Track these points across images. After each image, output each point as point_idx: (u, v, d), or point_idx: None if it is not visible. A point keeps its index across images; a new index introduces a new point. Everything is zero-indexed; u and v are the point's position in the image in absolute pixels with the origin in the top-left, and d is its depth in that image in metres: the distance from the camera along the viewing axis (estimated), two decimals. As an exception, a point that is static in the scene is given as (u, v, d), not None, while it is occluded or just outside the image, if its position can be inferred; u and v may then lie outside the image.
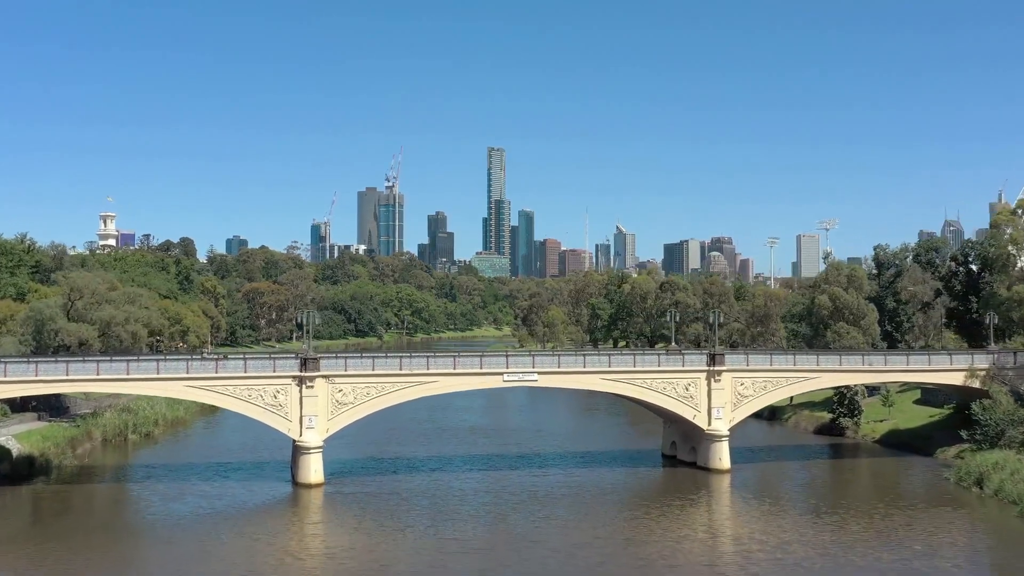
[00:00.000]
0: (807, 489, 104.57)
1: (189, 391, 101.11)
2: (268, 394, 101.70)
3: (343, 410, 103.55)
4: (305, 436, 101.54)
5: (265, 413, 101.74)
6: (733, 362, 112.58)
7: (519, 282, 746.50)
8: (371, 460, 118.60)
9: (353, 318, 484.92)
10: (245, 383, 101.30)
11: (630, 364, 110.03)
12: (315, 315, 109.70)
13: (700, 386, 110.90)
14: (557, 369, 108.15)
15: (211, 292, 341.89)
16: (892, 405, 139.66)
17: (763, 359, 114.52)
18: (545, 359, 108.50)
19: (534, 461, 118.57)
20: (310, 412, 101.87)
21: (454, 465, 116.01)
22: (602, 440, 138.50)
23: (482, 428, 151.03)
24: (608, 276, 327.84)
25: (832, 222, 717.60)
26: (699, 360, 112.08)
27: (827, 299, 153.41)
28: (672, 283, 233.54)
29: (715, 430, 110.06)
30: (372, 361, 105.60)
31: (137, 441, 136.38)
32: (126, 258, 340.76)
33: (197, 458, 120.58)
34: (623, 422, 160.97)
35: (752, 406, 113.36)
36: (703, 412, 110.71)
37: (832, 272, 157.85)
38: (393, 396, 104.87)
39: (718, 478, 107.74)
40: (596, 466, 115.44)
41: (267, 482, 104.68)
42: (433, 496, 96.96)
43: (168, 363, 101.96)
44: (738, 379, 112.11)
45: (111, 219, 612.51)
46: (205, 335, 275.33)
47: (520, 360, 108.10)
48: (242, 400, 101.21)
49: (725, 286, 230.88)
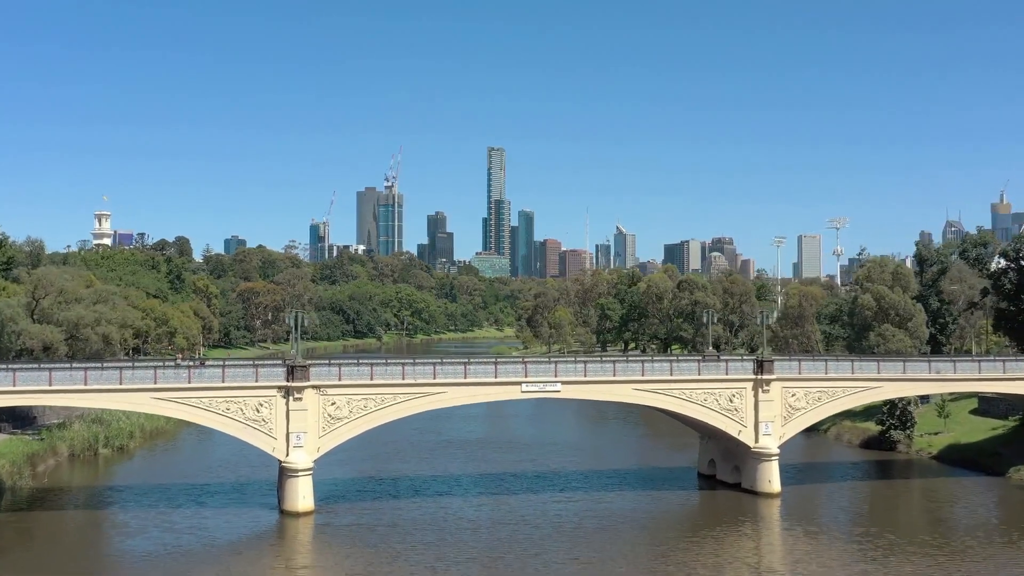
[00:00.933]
0: (870, 517, 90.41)
1: (157, 404, 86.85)
2: (249, 407, 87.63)
3: (336, 426, 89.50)
4: (292, 456, 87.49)
5: (246, 430, 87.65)
6: (783, 369, 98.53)
7: (520, 282, 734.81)
8: (368, 480, 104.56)
9: (351, 319, 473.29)
10: (223, 395, 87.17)
11: (666, 372, 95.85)
12: (304, 316, 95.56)
13: (746, 397, 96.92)
14: (583, 378, 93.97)
15: (203, 292, 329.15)
16: (948, 416, 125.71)
17: (816, 366, 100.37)
18: (569, 367, 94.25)
19: (553, 482, 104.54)
20: (298, 428, 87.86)
21: (462, 487, 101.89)
22: (627, 456, 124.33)
23: (491, 441, 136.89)
24: (618, 275, 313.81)
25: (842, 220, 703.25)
26: (744, 368, 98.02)
27: (871, 298, 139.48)
28: (691, 282, 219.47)
29: (763, 448, 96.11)
30: (370, 368, 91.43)
31: (109, 456, 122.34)
32: (114, 256, 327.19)
33: (174, 477, 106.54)
34: (644, 433, 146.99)
35: (804, 420, 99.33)
36: (749, 427, 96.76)
37: (875, 268, 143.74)
38: (394, 410, 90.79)
39: (767, 503, 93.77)
40: (624, 488, 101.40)
41: (249, 509, 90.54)
42: (440, 528, 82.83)
43: (135, 371, 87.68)
44: (789, 389, 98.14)
45: (106, 218, 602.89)
46: (195, 337, 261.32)
47: (541, 368, 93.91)
48: (219, 415, 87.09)
49: (747, 285, 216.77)
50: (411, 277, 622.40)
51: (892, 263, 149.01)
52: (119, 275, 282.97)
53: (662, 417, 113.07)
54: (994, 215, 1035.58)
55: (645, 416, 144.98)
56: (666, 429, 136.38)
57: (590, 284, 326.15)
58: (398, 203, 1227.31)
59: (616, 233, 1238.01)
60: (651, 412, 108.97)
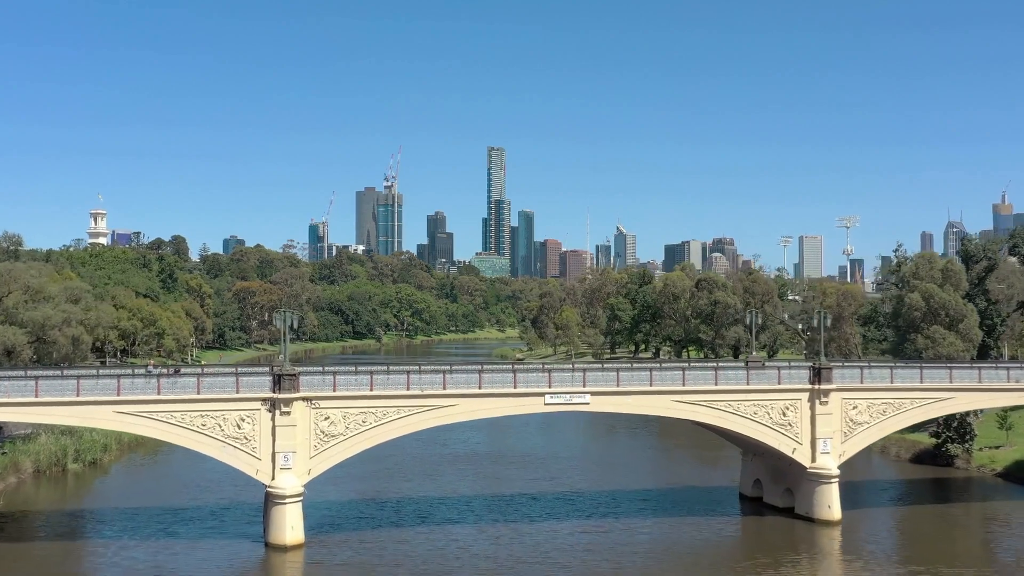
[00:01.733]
0: (946, 549, 77.69)
1: (121, 420, 74.27)
2: (229, 423, 75.14)
3: (331, 444, 76.98)
4: (279, 480, 75.01)
5: (225, 449, 75.14)
6: (842, 378, 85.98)
7: (522, 282, 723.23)
8: (366, 504, 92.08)
9: (350, 319, 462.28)
10: (198, 408, 74.64)
11: (710, 381, 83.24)
12: (293, 317, 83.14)
13: (801, 410, 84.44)
14: (615, 388, 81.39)
15: (196, 291, 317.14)
16: (1011, 428, 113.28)
17: (881, 374, 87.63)
18: (598, 375, 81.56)
19: (577, 506, 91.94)
20: (286, 447, 75.39)
21: (474, 512, 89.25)
22: (655, 473, 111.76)
23: (502, 454, 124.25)
24: (628, 274, 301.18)
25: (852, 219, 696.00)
26: (799, 376, 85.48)
27: (919, 297, 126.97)
28: (710, 280, 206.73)
29: (821, 468, 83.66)
30: (370, 378, 78.80)
31: (80, 473, 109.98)
32: (102, 254, 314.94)
33: (149, 499, 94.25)
34: (670, 444, 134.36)
35: (867, 436, 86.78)
36: (805, 444, 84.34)
37: (923, 265, 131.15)
38: (398, 425, 78.27)
39: (826, 532, 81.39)
40: (658, 513, 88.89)
41: (229, 542, 77.92)
42: (451, 567, 70.35)
43: (98, 381, 75.06)
44: (849, 401, 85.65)
45: (102, 217, 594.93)
46: (186, 338, 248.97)
47: (566, 377, 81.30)
48: (193, 431, 74.57)
49: (769, 284, 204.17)
50: (411, 277, 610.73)
51: (940, 259, 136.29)
52: (107, 274, 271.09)
53: (685, 425, 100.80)
54: (996, 216, 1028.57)
55: (665, 424, 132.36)
56: (695, 440, 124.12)
57: (598, 284, 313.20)
58: (397, 203, 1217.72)
59: (616, 233, 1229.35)
60: (674, 420, 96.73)
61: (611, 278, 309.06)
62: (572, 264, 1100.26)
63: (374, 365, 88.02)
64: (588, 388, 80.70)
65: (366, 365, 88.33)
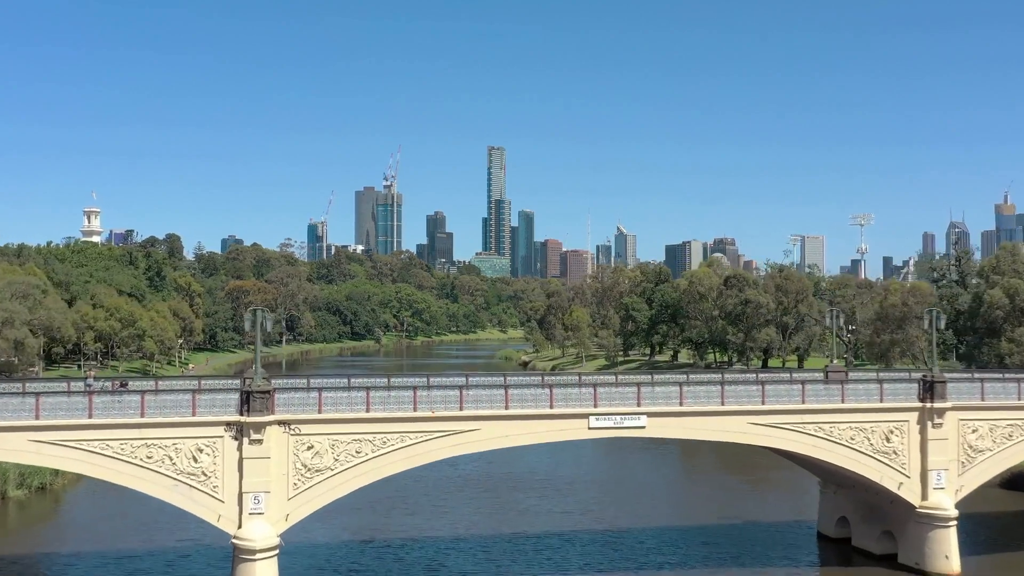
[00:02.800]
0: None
1: (38, 451, 56.72)
2: (183, 455, 57.78)
3: (315, 481, 59.62)
4: (248, 529, 57.64)
5: (176, 489, 57.77)
6: (958, 394, 68.74)
7: (524, 282, 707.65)
8: (359, 549, 74.76)
9: (349, 320, 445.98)
10: (142, 436, 57.30)
11: (796, 398, 65.80)
12: (267, 317, 65.95)
13: (909, 434, 67.11)
14: (678, 408, 63.97)
15: (185, 290, 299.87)
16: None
17: (1005, 388, 70.33)
18: (657, 391, 64.03)
19: (622, 551, 74.55)
20: (256, 486, 58.04)
21: (495, 561, 71.66)
22: (705, 503, 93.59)
23: (521, 477, 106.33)
24: (642, 272, 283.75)
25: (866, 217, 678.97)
26: (905, 391, 68.17)
27: (1001, 294, 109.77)
28: (741, 277, 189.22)
29: (935, 507, 66.45)
30: (366, 394, 61.26)
31: (23, 501, 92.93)
32: (85, 251, 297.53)
33: (96, 540, 77.29)
34: (709, 464, 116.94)
35: (990, 467, 69.31)
36: (914, 477, 67.06)
37: (1005, 258, 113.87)
38: (403, 456, 60.73)
39: (944, 590, 64.22)
40: (721, 560, 71.59)
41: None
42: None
43: (9, 399, 57.65)
44: (967, 422, 68.36)
45: (95, 215, 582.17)
46: (171, 339, 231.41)
47: (615, 393, 63.83)
48: (135, 465, 57.12)
49: (803, 282, 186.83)
50: (411, 276, 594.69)
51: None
52: (90, 271, 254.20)
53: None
54: (998, 216, 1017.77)
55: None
56: (741, 458, 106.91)
57: (610, 282, 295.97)
58: (397, 203, 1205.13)
59: (616, 234, 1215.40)
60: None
61: (624, 276, 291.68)
62: (572, 264, 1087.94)
63: (372, 377, 70.72)
64: (644, 408, 63.37)
65: (362, 375, 71.35)
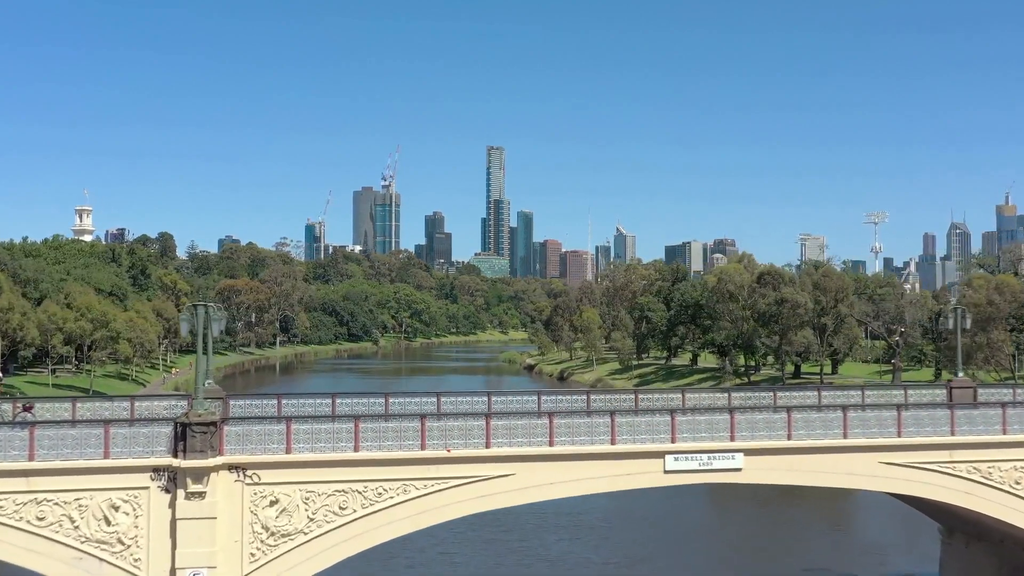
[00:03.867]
0: None
1: None
2: (91, 515, 40.05)
3: (283, 549, 41.82)
4: (183, 620, 40.07)
5: (80, 563, 39.88)
6: None
7: (525, 282, 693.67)
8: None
9: (345, 320, 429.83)
10: (29, 488, 39.67)
11: (942, 427, 48.13)
12: (215, 317, 48.33)
13: (1093, 477, 49.60)
14: (785, 444, 46.28)
15: (171, 289, 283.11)
16: None
17: None
18: (755, 419, 46.43)
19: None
20: (196, 559, 40.29)
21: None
22: (781, 550, 75.21)
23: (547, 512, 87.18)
24: (657, 270, 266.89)
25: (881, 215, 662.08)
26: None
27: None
28: (776, 274, 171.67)
29: None
30: (354, 425, 43.58)
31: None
32: (63, 247, 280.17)
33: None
34: (774, 495, 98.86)
35: None
36: (1098, 535, 49.59)
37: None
38: (406, 513, 42.73)
39: None
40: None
41: None
42: None
43: None
44: None
45: (87, 213, 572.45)
46: (152, 341, 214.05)
47: (697, 423, 46.13)
48: (21, 531, 39.57)
49: (843, 279, 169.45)
50: (409, 276, 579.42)
51: None
52: (67, 268, 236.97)
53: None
54: (999, 217, 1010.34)
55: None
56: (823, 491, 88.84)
57: (622, 282, 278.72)
58: (395, 203, 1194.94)
59: (616, 234, 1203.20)
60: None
61: (638, 275, 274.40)
62: (572, 265, 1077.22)
63: (364, 396, 52.95)
64: (739, 442, 45.70)
65: (354, 394, 53.72)
